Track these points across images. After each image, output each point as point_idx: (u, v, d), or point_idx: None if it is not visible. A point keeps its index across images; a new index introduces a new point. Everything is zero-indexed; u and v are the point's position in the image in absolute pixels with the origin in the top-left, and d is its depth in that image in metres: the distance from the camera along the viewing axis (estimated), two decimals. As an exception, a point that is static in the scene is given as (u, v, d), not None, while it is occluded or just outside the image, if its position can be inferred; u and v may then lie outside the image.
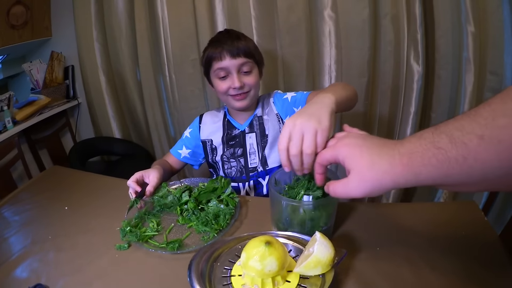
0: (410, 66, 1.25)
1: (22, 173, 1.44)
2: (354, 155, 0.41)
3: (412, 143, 0.35)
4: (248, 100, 0.87)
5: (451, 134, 0.31)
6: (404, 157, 0.35)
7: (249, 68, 0.85)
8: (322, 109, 0.53)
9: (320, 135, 0.49)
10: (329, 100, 0.55)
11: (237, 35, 0.86)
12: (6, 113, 1.44)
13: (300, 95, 0.89)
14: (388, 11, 1.22)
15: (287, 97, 0.90)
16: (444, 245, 0.58)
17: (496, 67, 1.13)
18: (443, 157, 0.32)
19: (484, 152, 0.29)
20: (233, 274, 0.50)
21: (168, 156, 0.98)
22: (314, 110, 0.53)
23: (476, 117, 0.30)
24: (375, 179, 0.38)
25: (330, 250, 0.46)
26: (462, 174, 0.31)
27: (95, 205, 0.81)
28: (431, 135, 0.33)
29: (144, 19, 1.49)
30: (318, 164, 0.48)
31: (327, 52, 1.28)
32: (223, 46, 0.83)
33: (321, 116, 0.51)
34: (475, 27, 1.10)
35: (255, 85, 0.87)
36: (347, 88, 0.72)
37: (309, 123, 0.50)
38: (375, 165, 0.38)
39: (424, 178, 0.34)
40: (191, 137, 0.97)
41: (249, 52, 0.84)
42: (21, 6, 1.54)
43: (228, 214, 0.67)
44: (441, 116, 1.30)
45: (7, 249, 0.68)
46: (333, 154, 0.45)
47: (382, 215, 0.69)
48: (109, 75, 1.69)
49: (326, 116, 0.52)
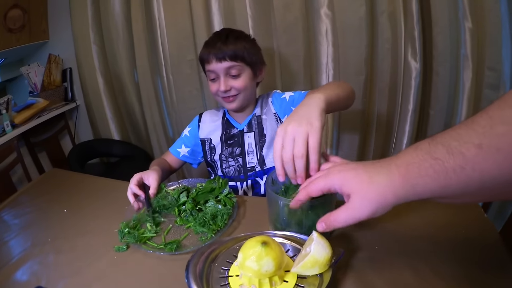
0: (407, 64, 1.25)
1: (21, 176, 1.44)
2: (350, 177, 0.39)
3: (408, 154, 0.35)
4: (237, 103, 0.87)
5: (448, 144, 0.31)
6: (401, 168, 0.34)
7: (236, 72, 0.84)
8: (312, 110, 0.53)
9: (312, 137, 0.50)
10: (319, 100, 0.56)
11: (226, 37, 0.84)
12: (4, 116, 1.44)
13: (298, 94, 0.89)
14: (385, 8, 1.22)
15: (285, 97, 0.90)
16: (443, 243, 0.58)
17: (494, 63, 1.12)
18: (440, 168, 0.31)
19: (482, 161, 0.28)
20: (230, 275, 0.50)
21: (167, 155, 0.98)
22: (304, 113, 0.53)
23: (474, 125, 0.29)
24: (378, 195, 0.37)
25: (327, 250, 0.46)
26: (460, 184, 0.30)
27: (94, 207, 0.81)
28: (428, 146, 0.33)
29: (141, 20, 1.49)
30: (307, 195, 0.46)
31: (324, 50, 1.28)
32: (210, 50, 0.84)
33: (311, 117, 0.52)
34: (472, 23, 1.09)
35: (244, 88, 0.86)
36: (343, 86, 0.72)
37: (299, 128, 0.50)
38: (374, 181, 0.37)
39: (421, 190, 0.33)
40: (190, 136, 0.97)
41: (235, 55, 0.82)
42: (18, 10, 1.54)
43: (226, 215, 0.67)
44: (439, 113, 1.30)
45: (7, 252, 0.68)
46: (326, 183, 0.42)
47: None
48: (107, 77, 1.69)
49: (317, 116, 0.52)
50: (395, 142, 1.40)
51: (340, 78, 1.32)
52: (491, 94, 1.16)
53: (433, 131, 1.34)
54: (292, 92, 0.91)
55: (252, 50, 0.88)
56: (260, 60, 0.92)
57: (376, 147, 1.45)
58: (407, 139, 1.35)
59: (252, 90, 0.90)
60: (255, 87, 0.93)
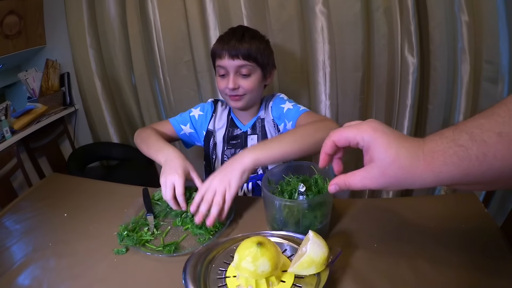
0: (404, 59, 1.25)
1: (22, 181, 1.44)
2: (381, 143, 0.38)
3: (434, 141, 0.35)
4: (243, 102, 0.87)
5: (471, 131, 0.32)
6: (428, 156, 0.35)
7: (247, 71, 0.84)
8: (234, 171, 0.63)
9: (228, 194, 0.63)
10: (246, 161, 0.64)
11: (242, 35, 0.84)
12: (4, 122, 1.44)
13: (295, 110, 0.86)
14: (380, 3, 1.21)
15: (284, 107, 0.89)
16: (443, 239, 0.58)
17: (491, 56, 1.12)
18: (464, 154, 0.32)
19: (503, 149, 0.30)
20: (228, 276, 0.51)
21: (164, 125, 0.93)
22: (227, 171, 0.64)
23: (494, 116, 0.31)
24: (396, 177, 0.37)
25: (323, 249, 0.47)
26: (481, 171, 0.32)
27: (94, 211, 0.81)
28: (452, 133, 0.34)
29: (137, 23, 1.49)
30: (332, 142, 0.43)
31: (320, 48, 1.28)
32: (223, 46, 0.83)
33: (231, 179, 0.63)
34: (469, 17, 1.09)
35: (252, 90, 0.85)
36: (308, 137, 0.70)
37: (220, 186, 0.63)
38: (398, 161, 0.36)
39: (444, 177, 0.34)
40: (198, 120, 0.95)
41: (249, 55, 0.82)
42: (14, 16, 1.55)
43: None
44: (438, 108, 1.29)
45: (9, 257, 0.68)
46: (356, 134, 0.40)
47: (380, 210, 0.69)
48: (104, 81, 1.69)
49: (236, 179, 0.63)
50: (394, 138, 1.40)
51: (337, 75, 1.31)
52: (489, 87, 1.15)
53: (432, 126, 1.34)
54: (291, 105, 0.88)
55: (266, 51, 0.87)
56: (271, 63, 0.91)
57: (375, 143, 1.45)
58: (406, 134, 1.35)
59: (259, 91, 0.90)
60: (262, 89, 0.92)
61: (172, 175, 0.66)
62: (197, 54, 1.42)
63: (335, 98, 1.35)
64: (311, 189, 0.62)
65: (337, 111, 1.38)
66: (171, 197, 0.66)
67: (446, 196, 1.14)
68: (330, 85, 1.33)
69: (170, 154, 0.72)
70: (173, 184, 0.66)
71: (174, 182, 0.66)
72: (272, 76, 0.93)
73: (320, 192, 0.61)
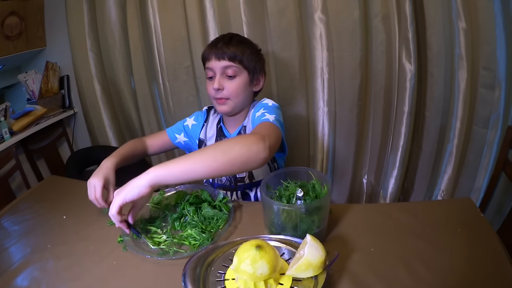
0: (402, 66, 1.26)
1: (20, 183, 1.44)
2: None
3: None
4: (228, 107, 0.87)
5: None
6: None
7: (233, 73, 0.84)
8: (134, 187, 0.62)
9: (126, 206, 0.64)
10: (144, 178, 0.62)
11: (230, 39, 0.86)
12: (3, 124, 1.44)
13: (258, 118, 0.81)
14: (378, 11, 1.23)
15: (256, 114, 0.84)
16: (439, 244, 0.59)
17: (489, 63, 1.13)
18: None
19: None
20: (227, 278, 0.51)
21: (161, 136, 1.00)
22: (127, 186, 0.63)
23: None
24: None
25: (321, 253, 0.47)
26: None
27: (92, 213, 0.82)
28: None
29: (137, 28, 1.50)
30: None
31: (319, 55, 1.29)
32: (211, 48, 0.86)
33: (126, 195, 0.62)
34: (466, 24, 1.10)
35: (236, 92, 0.85)
36: (225, 153, 0.62)
37: (117, 199, 0.63)
38: None
39: None
40: (191, 129, 0.98)
41: (234, 56, 0.83)
42: (15, 17, 1.55)
43: (222, 219, 0.68)
44: (435, 115, 1.30)
45: (7, 258, 0.68)
46: None
47: (377, 215, 0.70)
48: (104, 84, 1.70)
49: (131, 195, 0.62)
50: (392, 144, 1.41)
51: (335, 82, 1.32)
52: (486, 93, 1.16)
53: (429, 132, 1.35)
54: (261, 112, 0.82)
55: (253, 56, 0.87)
56: (260, 69, 0.90)
57: (372, 149, 1.46)
58: (403, 141, 1.35)
59: (245, 97, 0.88)
60: (250, 95, 0.90)
61: (94, 178, 0.75)
62: (197, 60, 1.42)
63: (333, 105, 1.36)
64: (309, 194, 0.62)
65: (335, 118, 1.39)
66: (93, 198, 0.74)
67: (443, 201, 1.15)
68: (328, 92, 1.34)
69: (104, 163, 0.81)
70: (95, 186, 0.74)
71: (95, 185, 0.74)
72: (261, 82, 0.92)
73: (317, 197, 0.62)
